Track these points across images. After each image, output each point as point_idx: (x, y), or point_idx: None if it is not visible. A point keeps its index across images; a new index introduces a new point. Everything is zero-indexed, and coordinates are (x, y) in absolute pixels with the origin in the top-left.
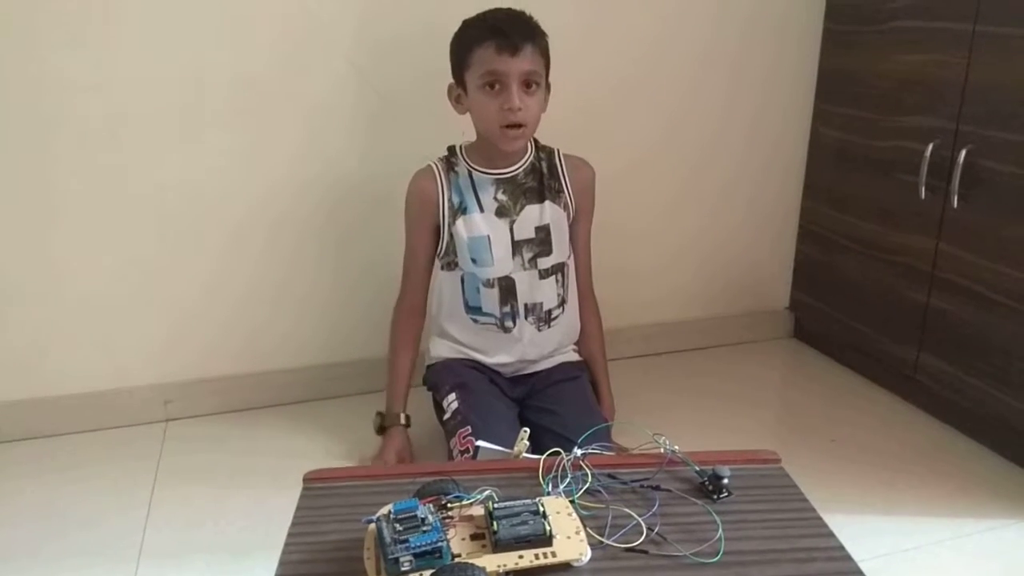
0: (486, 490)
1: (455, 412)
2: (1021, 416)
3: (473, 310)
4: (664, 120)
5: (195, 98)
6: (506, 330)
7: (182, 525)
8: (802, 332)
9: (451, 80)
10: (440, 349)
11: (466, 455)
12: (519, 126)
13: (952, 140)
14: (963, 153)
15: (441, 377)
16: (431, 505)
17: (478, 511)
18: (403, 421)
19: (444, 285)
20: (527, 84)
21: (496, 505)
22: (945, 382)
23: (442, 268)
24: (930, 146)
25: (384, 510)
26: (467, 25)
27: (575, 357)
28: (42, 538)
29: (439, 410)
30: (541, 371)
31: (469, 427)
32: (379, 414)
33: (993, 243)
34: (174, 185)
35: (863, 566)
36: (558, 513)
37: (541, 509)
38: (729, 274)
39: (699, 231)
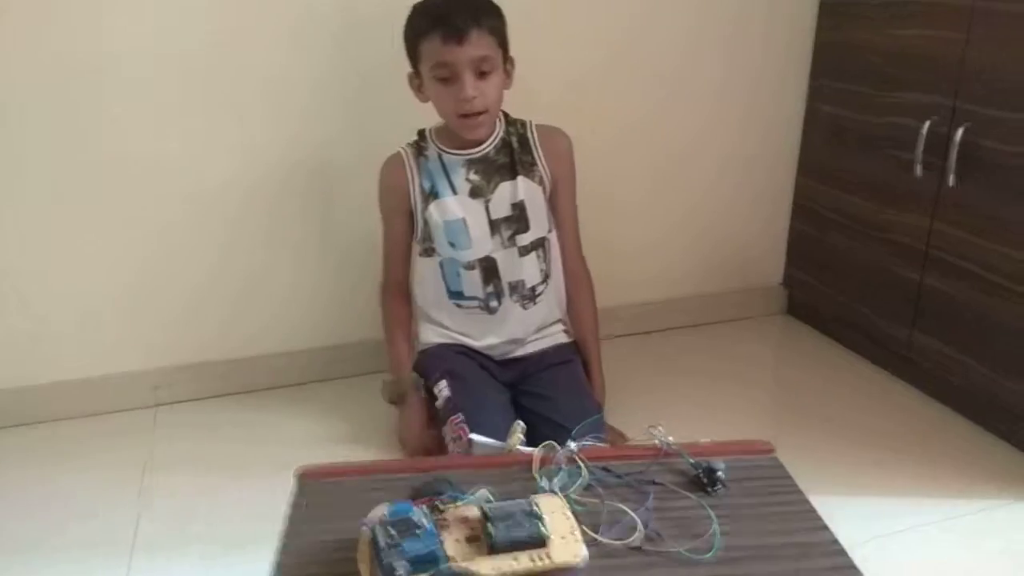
0: (480, 489)
1: (446, 399)
2: (1013, 395)
3: (456, 295)
4: (655, 93)
5: (181, 86)
6: (491, 311)
7: (175, 516)
8: (796, 308)
9: (410, 69)
10: (428, 335)
11: (458, 442)
12: (477, 114)
13: (949, 118)
14: (960, 131)
15: (431, 363)
16: (425, 507)
17: (473, 512)
18: (417, 387)
19: (425, 273)
20: (480, 69)
21: (491, 506)
22: (938, 361)
23: (420, 255)
24: (927, 123)
25: (377, 512)
26: (413, 13)
27: (566, 339)
28: (34, 531)
29: (430, 396)
30: (532, 354)
31: (460, 414)
32: (388, 383)
33: (989, 223)
34: (160, 174)
35: (856, 549)
36: (553, 513)
37: (536, 510)
38: (722, 250)
39: (691, 206)
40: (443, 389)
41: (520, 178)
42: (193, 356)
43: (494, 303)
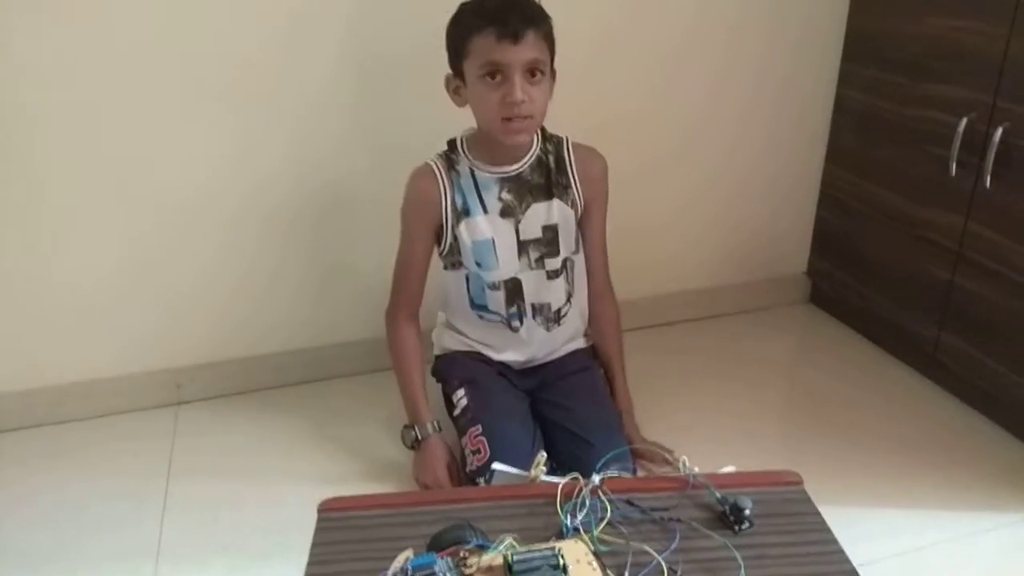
0: (506, 538)
1: (464, 409)
2: None
3: (479, 307)
4: (666, 72)
5: (193, 85)
6: (513, 329)
7: (199, 526)
8: (819, 298)
9: (448, 71)
10: (447, 341)
11: (477, 455)
12: (523, 117)
13: (988, 116)
14: (999, 131)
15: (449, 371)
16: (449, 559)
17: (497, 561)
18: (436, 429)
19: (449, 283)
20: (531, 73)
21: (515, 557)
22: (966, 363)
23: (445, 268)
24: (964, 120)
25: (400, 560)
26: (464, 10)
27: (584, 343)
28: (59, 539)
29: (448, 403)
30: (551, 361)
31: (479, 426)
32: (407, 427)
33: None
34: (175, 171)
35: (878, 567)
36: (578, 562)
37: (561, 562)
38: (745, 236)
39: (713, 190)
40: (461, 398)
41: (555, 201)
42: (215, 353)
43: (516, 323)
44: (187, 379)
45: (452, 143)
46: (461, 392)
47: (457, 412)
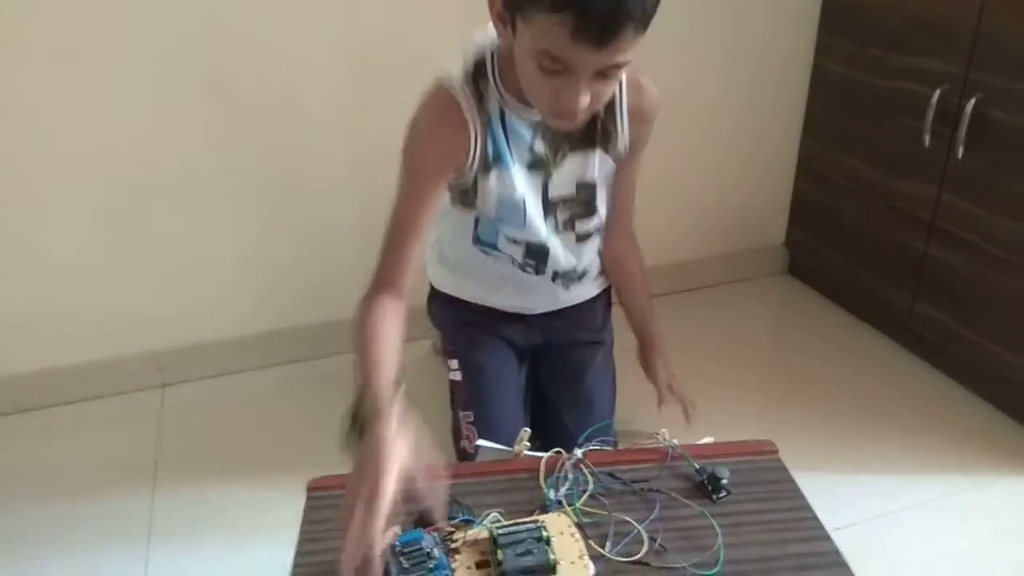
0: (490, 513)
1: (457, 384)
2: (1012, 368)
3: (485, 244)
4: (655, 43)
5: (174, 66)
6: (524, 272)
7: (188, 507)
8: (797, 269)
9: None
10: (437, 275)
11: (467, 440)
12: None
13: (961, 87)
14: (972, 102)
15: (444, 325)
16: (436, 535)
17: (482, 534)
18: (398, 408)
19: (451, 218)
20: (605, 73)
21: (500, 531)
22: (939, 331)
23: (451, 203)
24: (937, 92)
25: (388, 537)
26: None
27: (597, 288)
28: (52, 523)
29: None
30: (561, 311)
31: (471, 413)
32: (351, 416)
33: (997, 197)
34: (154, 153)
35: (853, 531)
36: (561, 534)
37: (544, 534)
38: (723, 209)
39: (691, 164)
40: (455, 370)
41: (599, 152)
42: (198, 335)
43: (529, 271)
44: (169, 361)
45: (481, 64)
46: (455, 363)
47: (449, 379)
